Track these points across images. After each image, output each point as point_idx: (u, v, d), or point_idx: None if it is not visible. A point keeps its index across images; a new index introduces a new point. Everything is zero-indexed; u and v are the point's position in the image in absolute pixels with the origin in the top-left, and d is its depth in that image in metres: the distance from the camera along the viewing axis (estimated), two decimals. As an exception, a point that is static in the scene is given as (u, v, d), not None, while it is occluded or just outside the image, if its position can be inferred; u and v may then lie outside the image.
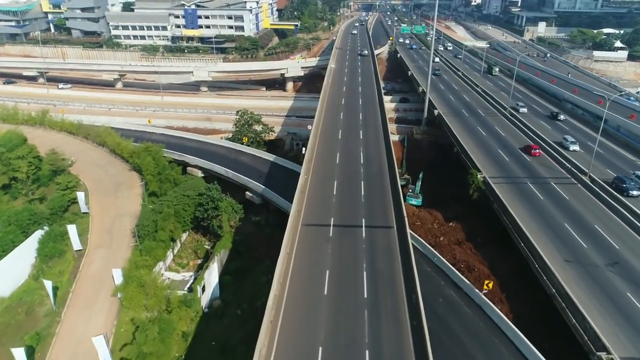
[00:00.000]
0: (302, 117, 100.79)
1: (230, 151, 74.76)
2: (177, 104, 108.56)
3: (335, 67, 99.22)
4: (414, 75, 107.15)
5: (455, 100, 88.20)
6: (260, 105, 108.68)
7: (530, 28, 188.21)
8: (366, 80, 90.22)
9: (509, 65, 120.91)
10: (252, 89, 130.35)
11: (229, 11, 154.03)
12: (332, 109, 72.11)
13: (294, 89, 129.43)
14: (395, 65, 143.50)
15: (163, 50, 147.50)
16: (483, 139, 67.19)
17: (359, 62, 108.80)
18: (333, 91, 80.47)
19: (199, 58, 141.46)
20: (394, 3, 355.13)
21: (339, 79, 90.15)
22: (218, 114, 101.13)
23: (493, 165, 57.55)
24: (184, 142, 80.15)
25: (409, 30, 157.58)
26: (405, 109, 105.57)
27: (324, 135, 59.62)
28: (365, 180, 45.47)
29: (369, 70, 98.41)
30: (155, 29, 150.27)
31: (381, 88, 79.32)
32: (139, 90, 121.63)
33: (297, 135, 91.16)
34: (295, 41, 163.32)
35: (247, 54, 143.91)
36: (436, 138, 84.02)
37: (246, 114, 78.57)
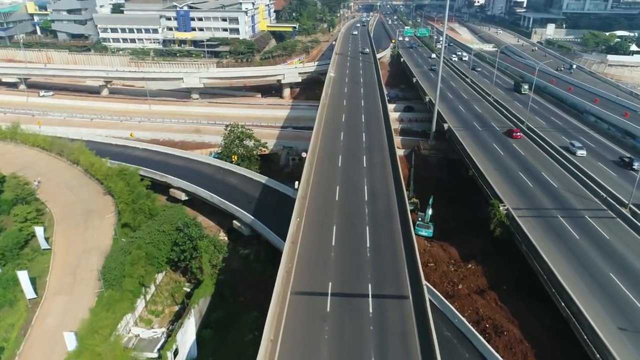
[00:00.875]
0: (299, 128, 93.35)
1: (217, 170, 67.31)
2: (165, 114, 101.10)
3: (335, 75, 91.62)
4: (420, 83, 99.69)
5: (465, 112, 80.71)
6: (253, 114, 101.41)
7: (537, 30, 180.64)
8: (369, 93, 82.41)
9: (521, 72, 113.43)
10: (247, 95, 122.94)
11: (224, 13, 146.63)
12: (331, 128, 64.14)
13: (291, 96, 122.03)
14: (398, 69, 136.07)
15: (154, 55, 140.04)
16: (502, 160, 59.67)
17: (360, 69, 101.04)
18: (332, 106, 72.58)
19: (191, 62, 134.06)
20: (395, 4, 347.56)
21: (338, 91, 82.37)
22: (208, 125, 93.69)
23: (517, 194, 50.06)
24: (168, 159, 72.73)
25: (412, 33, 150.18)
26: (410, 119, 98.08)
27: (321, 163, 51.70)
28: (372, 226, 37.81)
29: (372, 81, 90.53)
30: (146, 32, 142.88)
31: (387, 104, 71.48)
32: (126, 98, 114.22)
33: (293, 149, 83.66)
34: (293, 44, 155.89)
35: (242, 58, 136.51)
36: (445, 153, 76.75)
37: (236, 129, 71.10)
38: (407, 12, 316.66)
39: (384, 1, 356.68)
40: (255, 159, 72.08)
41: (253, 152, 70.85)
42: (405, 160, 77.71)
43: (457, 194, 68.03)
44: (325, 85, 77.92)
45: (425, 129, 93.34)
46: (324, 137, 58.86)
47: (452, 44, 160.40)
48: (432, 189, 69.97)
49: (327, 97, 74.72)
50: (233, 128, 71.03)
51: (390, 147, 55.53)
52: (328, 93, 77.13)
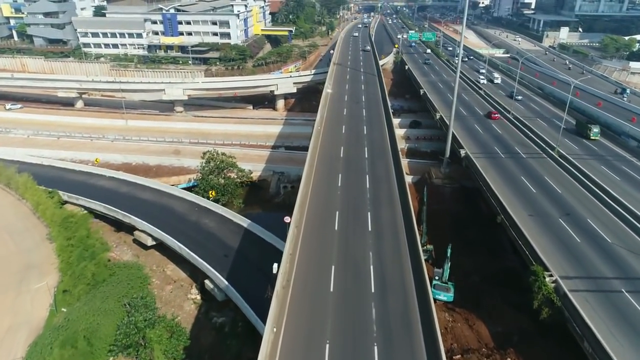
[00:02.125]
0: (292, 148, 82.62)
1: (192, 208, 56.51)
2: (142, 130, 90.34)
3: (333, 92, 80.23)
4: (428, 96, 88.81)
5: (484, 133, 69.82)
6: (242, 131, 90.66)
7: (550, 33, 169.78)
8: (373, 116, 69.99)
9: (539, 82, 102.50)
10: (237, 107, 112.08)
11: (213, 16, 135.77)
12: (326, 168, 50.84)
13: (285, 108, 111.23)
14: (402, 77, 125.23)
15: (137, 61, 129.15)
16: (536, 202, 48.71)
17: (362, 84, 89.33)
18: (329, 135, 60.35)
19: (178, 70, 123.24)
20: (396, 5, 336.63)
21: (336, 115, 69.71)
22: (190, 145, 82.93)
23: (564, 254, 39.18)
24: (137, 191, 62.01)
25: (417, 38, 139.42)
26: (417, 137, 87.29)
27: (309, 232, 37.59)
28: (379, 311, 27.13)
29: (376, 99, 78.53)
30: (129, 37, 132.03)
31: (394, 134, 59.57)
32: (102, 111, 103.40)
33: (284, 175, 72.86)
34: (288, 49, 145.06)
35: (232, 65, 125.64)
36: (460, 180, 65.97)
37: (216, 157, 60.29)
38: (409, 13, 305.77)
39: (384, 2, 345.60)
40: (239, 193, 61.25)
41: (236, 184, 59.89)
42: (415, 190, 66.84)
43: (477, 233, 57.61)
44: (321, 106, 66.41)
45: (435, 148, 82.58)
46: (316, 184, 46.24)
47: (472, 57, 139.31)
48: (446, 227, 59.71)
49: (323, 123, 63.02)
50: (212, 156, 60.17)
51: (403, 205, 42.75)
52: (324, 117, 65.11)
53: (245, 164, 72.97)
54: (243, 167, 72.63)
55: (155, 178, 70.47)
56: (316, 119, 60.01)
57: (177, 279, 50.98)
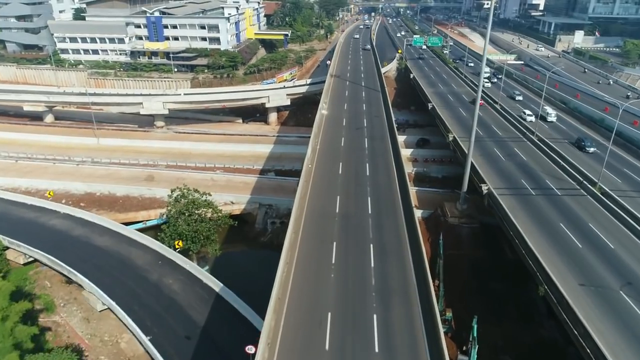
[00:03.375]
0: (283, 173, 72.39)
1: (155, 262, 46.16)
2: (116, 150, 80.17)
3: (329, 113, 68.82)
4: (438, 112, 78.34)
5: (505, 160, 59.32)
6: (227, 151, 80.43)
7: (562, 37, 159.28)
8: (377, 148, 57.46)
9: (560, 94, 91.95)
10: (225, 120, 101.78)
11: (202, 19, 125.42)
12: (314, 238, 37.24)
13: (278, 121, 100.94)
14: (406, 85, 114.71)
15: (118, 69, 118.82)
16: (585, 261, 38.29)
17: (364, 103, 77.07)
18: (320, 178, 47.78)
19: (161, 79, 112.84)
20: (398, 6, 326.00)
21: (332, 146, 56.68)
22: (166, 170, 72.58)
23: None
24: (93, 235, 51.65)
25: (423, 43, 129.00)
26: (426, 159, 76.98)
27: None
28: None
29: (381, 124, 66.19)
30: (111, 42, 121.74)
31: (406, 179, 47.54)
32: (74, 126, 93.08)
33: (273, 208, 62.64)
34: (283, 55, 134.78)
35: (221, 73, 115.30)
36: (479, 217, 55.55)
37: (187, 194, 49.88)
38: (411, 14, 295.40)
39: (386, 3, 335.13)
40: (214, 237, 50.76)
41: (210, 228, 49.35)
42: (425, 227, 56.42)
43: (503, 287, 47.83)
44: (313, 134, 54.29)
45: (447, 174, 72.32)
46: (300, 272, 32.70)
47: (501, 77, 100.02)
48: (465, 279, 49.66)
49: (315, 159, 51.41)
50: (181, 195, 49.73)
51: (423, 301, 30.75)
52: (316, 150, 53.27)
53: (227, 195, 63.20)
54: (224, 197, 63.00)
55: (122, 213, 60.50)
56: (307, 153, 49.15)
57: (133, 355, 40.59)
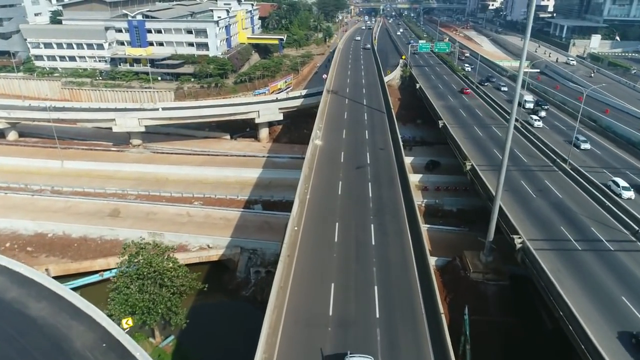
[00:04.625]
0: (271, 206, 62.07)
1: (98, 345, 35.77)
2: (82, 175, 70.08)
3: (324, 145, 57.14)
4: (451, 132, 68.15)
5: (539, 198, 49.04)
6: (209, 177, 70.19)
7: (577, 41, 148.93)
8: (385, 197, 45.34)
9: (590, 111, 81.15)
10: (210, 136, 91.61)
11: (188, 23, 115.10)
12: (300, 338, 27.63)
13: (270, 137, 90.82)
14: (411, 96, 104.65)
15: (97, 77, 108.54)
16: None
17: (366, 128, 64.92)
18: (309, 252, 36.02)
19: (142, 89, 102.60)
20: (400, 7, 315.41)
21: (326, 195, 45.10)
22: (135, 202, 62.31)
23: None
24: (29, 300, 41.08)
25: (429, 49, 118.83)
26: (438, 187, 66.65)
27: None
28: None
29: (387, 159, 53.84)
30: (89, 48, 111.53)
31: (421, 236, 37.38)
32: (38, 145, 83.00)
33: (257, 254, 52.47)
34: (278, 62, 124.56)
35: (209, 82, 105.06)
36: (507, 272, 45.26)
37: (143, 250, 39.52)
38: (414, 16, 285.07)
39: (387, 4, 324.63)
40: (180, 304, 40.34)
41: (172, 300, 38.76)
42: (442, 284, 46.05)
43: None
44: (302, 177, 43.43)
45: (463, 206, 62.00)
46: None
47: (547, 108, 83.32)
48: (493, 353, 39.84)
49: (303, 216, 40.84)
50: (136, 253, 39.29)
51: None
52: (305, 202, 42.95)
53: (203, 237, 53.07)
54: (200, 240, 52.95)
55: (75, 261, 50.32)
56: (292, 210, 38.58)
57: None
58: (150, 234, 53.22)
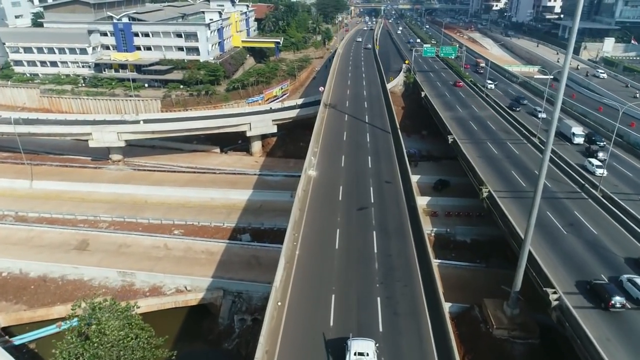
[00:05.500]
0: (261, 235, 54.97)
1: None
2: (52, 197, 63.03)
3: (319, 176, 48.81)
4: (462, 150, 61.00)
5: (568, 233, 41.92)
6: (192, 199, 63.08)
7: (588, 44, 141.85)
8: (394, 255, 36.27)
9: (614, 124, 73.90)
10: (199, 150, 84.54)
11: (177, 26, 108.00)
12: None
13: (263, 151, 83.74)
14: (415, 104, 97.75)
15: (77, 85, 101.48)
16: None
17: (369, 153, 56.23)
18: (300, 328, 29.03)
19: (126, 98, 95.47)
20: (401, 8, 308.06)
21: (321, 250, 36.71)
22: (108, 231, 55.15)
23: None
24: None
25: (434, 54, 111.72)
26: (448, 212, 59.43)
27: None
28: None
29: (397, 201, 44.51)
30: (72, 52, 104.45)
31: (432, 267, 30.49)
32: (8, 160, 75.88)
33: (243, 297, 45.42)
34: (273, 67, 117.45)
35: (199, 89, 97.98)
36: (536, 327, 38.06)
37: (97, 311, 32.32)
38: (416, 17, 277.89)
39: (388, 5, 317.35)
40: None
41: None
42: (458, 339, 38.71)
43: None
44: (292, 223, 36.26)
45: (477, 236, 54.83)
46: None
47: (604, 145, 65.70)
48: None
49: (290, 287, 32.49)
50: (89, 315, 32.06)
51: None
52: (294, 259, 35.00)
53: (180, 277, 46.05)
54: (177, 281, 45.99)
55: (29, 309, 43.28)
56: (276, 276, 30.68)
57: None
58: (120, 274, 46.39)
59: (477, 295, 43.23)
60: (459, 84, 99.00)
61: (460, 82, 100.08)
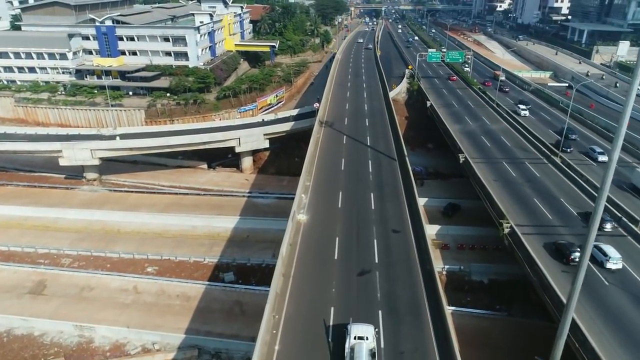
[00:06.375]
0: (246, 272, 47.79)
1: None
2: (12, 225, 55.82)
3: (311, 222, 38.72)
4: (477, 174, 53.63)
5: (614, 287, 34.68)
6: (171, 227, 55.89)
7: (601, 48, 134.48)
8: (406, 344, 26.42)
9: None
10: (184, 166, 77.40)
11: (164, 30, 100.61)
12: None
13: (254, 167, 76.65)
14: (419, 113, 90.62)
15: (55, 92, 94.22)
16: None
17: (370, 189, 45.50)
18: None
19: (107, 108, 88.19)
20: (403, 8, 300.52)
21: (307, 339, 26.52)
22: (70, 270, 47.91)
23: None
24: None
25: (439, 59, 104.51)
26: (461, 244, 52.33)
27: None
28: None
29: (407, 261, 34.42)
30: (51, 58, 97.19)
31: None
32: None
33: (221, 358, 38.09)
34: (268, 72, 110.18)
35: (186, 98, 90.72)
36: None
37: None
38: (417, 18, 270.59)
39: (389, 6, 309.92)
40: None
41: None
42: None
43: None
44: (272, 298, 26.84)
45: (496, 275, 47.64)
46: None
47: None
48: None
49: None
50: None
51: None
52: (275, 345, 25.56)
53: (148, 333, 38.92)
54: (143, 337, 38.76)
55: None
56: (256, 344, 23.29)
57: None
58: (77, 327, 39.26)
59: (499, 349, 36.60)
60: (453, 77, 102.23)
61: (454, 76, 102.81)
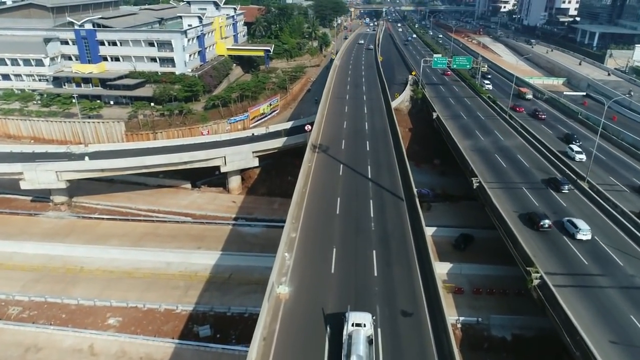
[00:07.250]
0: (227, 325, 40.50)
1: None
2: (-40, 262, 48.43)
3: (293, 299, 28.09)
4: (494, 203, 46.28)
5: None
6: (143, 266, 48.49)
7: (615, 52, 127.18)
8: None
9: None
10: (165, 186, 70.15)
11: (148, 34, 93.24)
12: None
13: (242, 188, 69.43)
14: (424, 124, 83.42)
15: (29, 102, 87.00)
16: None
17: (374, 250, 34.42)
18: None
19: (84, 120, 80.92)
20: (404, 9, 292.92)
21: None
22: (16, 324, 40.60)
23: None
24: None
25: (446, 65, 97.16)
26: (477, 288, 45.03)
27: None
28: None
29: None
30: (26, 64, 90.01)
31: None
32: None
33: None
34: (261, 79, 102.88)
35: (171, 109, 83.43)
36: None
37: None
38: (419, 18, 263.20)
39: (389, 6, 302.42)
40: None
41: None
42: None
43: None
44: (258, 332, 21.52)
45: (521, 329, 40.12)
46: None
47: None
48: None
49: None
50: None
51: None
52: None
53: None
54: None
55: None
56: None
57: None
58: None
59: None
60: (447, 72, 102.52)
61: (448, 71, 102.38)
